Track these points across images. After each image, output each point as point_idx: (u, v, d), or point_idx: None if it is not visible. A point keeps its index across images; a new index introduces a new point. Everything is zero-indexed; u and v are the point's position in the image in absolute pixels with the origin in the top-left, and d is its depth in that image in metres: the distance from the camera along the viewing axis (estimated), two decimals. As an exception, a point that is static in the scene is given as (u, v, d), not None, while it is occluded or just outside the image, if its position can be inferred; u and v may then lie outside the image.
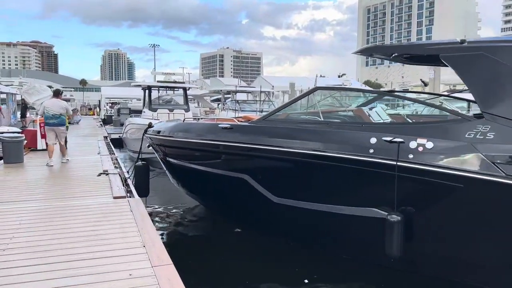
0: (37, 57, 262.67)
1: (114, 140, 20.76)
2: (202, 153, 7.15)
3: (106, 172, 9.20)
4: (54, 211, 6.04)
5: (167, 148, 8.26)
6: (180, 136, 7.41)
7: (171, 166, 8.52)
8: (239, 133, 6.46)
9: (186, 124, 7.73)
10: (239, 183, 6.62)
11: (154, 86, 17.81)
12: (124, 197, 6.85)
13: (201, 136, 6.94)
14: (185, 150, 7.54)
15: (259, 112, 17.46)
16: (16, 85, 56.29)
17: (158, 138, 8.31)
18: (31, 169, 10.05)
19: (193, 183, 8.17)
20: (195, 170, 7.45)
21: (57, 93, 11.50)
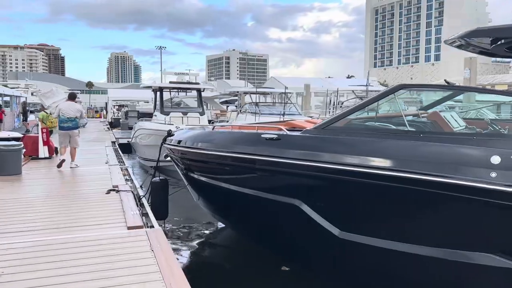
0: (44, 60, 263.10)
1: (122, 145, 19.36)
2: (238, 170, 5.67)
3: (117, 189, 7.77)
4: (49, 251, 4.59)
5: (192, 162, 6.78)
6: (209, 148, 5.92)
7: (196, 183, 7.05)
8: (290, 146, 4.98)
9: (216, 133, 6.23)
10: (288, 209, 5.16)
11: (167, 88, 16.38)
12: (141, 227, 5.40)
13: (237, 149, 5.46)
14: (216, 165, 6.06)
15: (281, 116, 16.00)
16: (22, 88, 55.48)
17: (180, 149, 6.84)
18: (29, 184, 8.63)
19: (225, 206, 6.68)
20: (227, 191, 5.97)
21: (73, 96, 11.21)
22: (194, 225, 8.80)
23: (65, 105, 10.66)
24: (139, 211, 6.37)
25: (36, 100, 52.85)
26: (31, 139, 12.84)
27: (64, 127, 10.52)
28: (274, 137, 5.18)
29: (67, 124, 10.50)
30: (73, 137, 10.63)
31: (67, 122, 10.49)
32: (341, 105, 18.52)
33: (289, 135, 5.21)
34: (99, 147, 16.02)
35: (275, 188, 5.30)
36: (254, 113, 16.59)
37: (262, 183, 5.46)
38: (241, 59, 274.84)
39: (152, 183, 7.42)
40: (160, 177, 7.59)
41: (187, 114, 15.73)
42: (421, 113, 5.47)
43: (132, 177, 9.93)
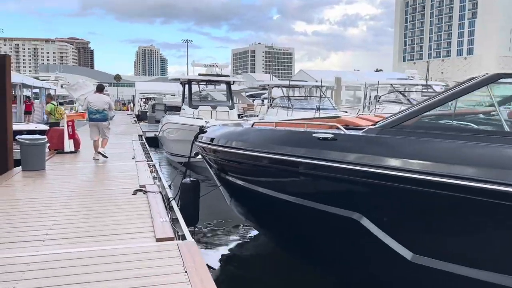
0: (74, 53, 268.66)
1: (149, 139, 18.89)
2: (282, 174, 4.88)
3: (144, 189, 7.11)
4: (65, 268, 3.91)
5: (226, 162, 6.02)
6: (247, 148, 5.14)
7: (230, 186, 6.30)
8: (349, 148, 4.15)
9: (256, 130, 5.42)
10: (344, 223, 4.35)
11: (195, 80, 15.70)
12: (172, 239, 4.68)
13: (283, 150, 4.66)
14: (255, 167, 5.28)
15: (316, 111, 15.07)
16: (53, 80, 56.28)
17: (214, 148, 6.08)
18: (52, 181, 8.09)
19: (263, 213, 5.89)
20: (267, 197, 5.19)
21: (101, 88, 11.34)
22: (225, 230, 8.07)
23: (94, 97, 10.80)
24: (169, 217, 5.67)
25: (66, 92, 53.61)
26: (57, 132, 12.41)
27: (93, 119, 10.73)
28: (329, 137, 4.35)
29: (95, 116, 10.68)
30: (102, 128, 10.82)
31: (95, 114, 10.66)
32: (379, 99, 17.46)
33: (348, 134, 4.37)
34: (126, 140, 15.54)
35: (328, 197, 4.48)
36: (287, 108, 15.72)
37: (312, 191, 4.65)
38: (267, 52, 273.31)
39: (182, 184, 6.73)
40: (191, 178, 6.88)
41: (216, 108, 15.03)
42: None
43: (160, 174, 9.30)
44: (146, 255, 4.21)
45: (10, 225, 5.19)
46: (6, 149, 9.07)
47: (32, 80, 28.74)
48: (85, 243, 4.55)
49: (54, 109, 14.50)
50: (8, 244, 4.51)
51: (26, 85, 24.79)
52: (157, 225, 5.08)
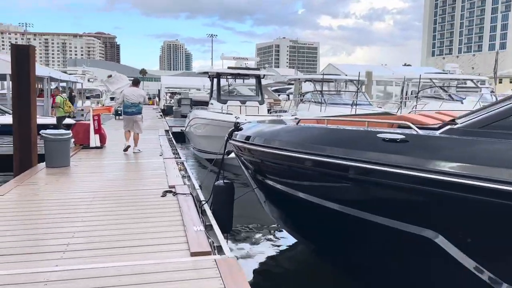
0: (101, 48, 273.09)
1: (175, 134, 18.41)
2: (338, 181, 4.17)
3: (174, 191, 6.53)
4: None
5: (266, 164, 5.35)
6: (295, 149, 4.45)
7: (268, 190, 5.63)
8: (425, 152, 3.42)
9: (305, 129, 4.69)
10: (413, 242, 3.63)
11: (225, 73, 15.08)
12: (209, 253, 4.05)
13: (340, 153, 3.95)
14: (303, 172, 4.58)
15: (350, 106, 14.24)
16: (80, 74, 56.92)
17: (250, 148, 5.41)
18: (76, 180, 7.61)
19: (309, 223, 5.17)
20: (318, 207, 4.49)
21: (136, 82, 11.37)
22: (260, 237, 7.41)
23: (129, 91, 10.85)
24: (202, 223, 5.07)
25: (92, 86, 54.11)
26: (83, 127, 12.00)
27: (128, 112, 10.76)
28: (398, 138, 3.62)
29: (130, 109, 10.72)
30: (136, 122, 10.81)
31: (130, 107, 10.70)
32: (417, 95, 16.46)
33: (422, 135, 3.63)
34: (152, 136, 15.08)
35: (394, 211, 3.76)
36: (319, 103, 14.92)
37: (374, 202, 3.93)
38: (291, 47, 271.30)
39: (215, 187, 6.09)
40: (225, 180, 6.24)
41: (246, 103, 14.37)
42: None
43: (189, 173, 8.73)
44: (180, 274, 3.59)
45: (29, 232, 4.67)
46: (30, 144, 8.67)
47: (60, 73, 28.79)
48: (109, 256, 3.97)
49: (63, 102, 14.03)
50: (26, 256, 3.97)
51: (53, 78, 24.77)
52: (191, 236, 4.46)
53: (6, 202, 5.86)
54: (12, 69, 8.51)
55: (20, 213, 5.35)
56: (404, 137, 3.58)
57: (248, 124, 6.43)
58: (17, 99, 8.57)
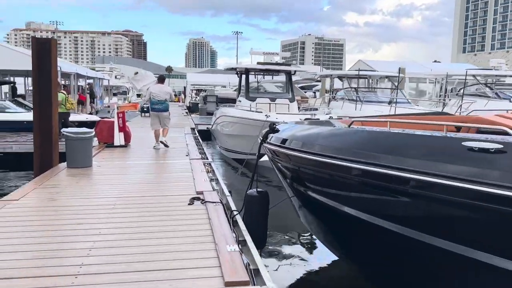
0: (128, 45, 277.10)
1: (201, 132, 17.85)
2: (406, 199, 3.39)
3: (202, 198, 5.87)
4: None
5: (309, 173, 4.59)
6: (349, 157, 3.69)
7: (310, 202, 4.87)
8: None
9: (362, 133, 3.84)
10: (498, 277, 2.83)
11: (254, 69, 14.37)
12: (246, 283, 3.35)
13: (412, 165, 3.17)
14: (359, 186, 3.81)
15: (387, 104, 13.32)
16: (107, 71, 57.45)
17: (290, 153, 4.66)
18: (97, 183, 7.07)
19: (358, 242, 4.38)
20: (374, 227, 3.73)
21: (162, 78, 11.34)
22: (296, 253, 6.65)
23: (156, 88, 10.85)
24: (235, 239, 4.39)
25: (119, 83, 54.47)
26: (107, 124, 11.53)
27: (155, 109, 10.81)
28: (492, 148, 2.82)
29: (157, 106, 10.77)
30: (163, 118, 10.86)
31: (157, 104, 10.75)
32: (463, 93, 15.31)
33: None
34: (178, 134, 14.55)
35: (484, 241, 2.96)
36: (354, 101, 14.01)
37: (455, 226, 3.14)
38: (317, 44, 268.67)
39: (247, 196, 5.39)
40: (258, 189, 5.52)
41: (276, 101, 13.62)
42: None
43: (217, 175, 8.08)
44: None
45: (43, 246, 4.09)
46: (50, 142, 8.19)
47: (86, 70, 28.76)
48: (128, 284, 3.32)
49: (65, 98, 13.24)
50: (35, 279, 3.37)
51: (80, 75, 24.65)
52: (224, 258, 3.77)
53: (20, 209, 5.33)
54: (33, 64, 8.03)
55: (32, 223, 4.79)
56: (501, 147, 2.78)
57: (284, 125, 5.70)
58: (38, 95, 8.10)
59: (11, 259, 3.76)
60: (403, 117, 5.58)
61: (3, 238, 4.28)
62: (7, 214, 5.09)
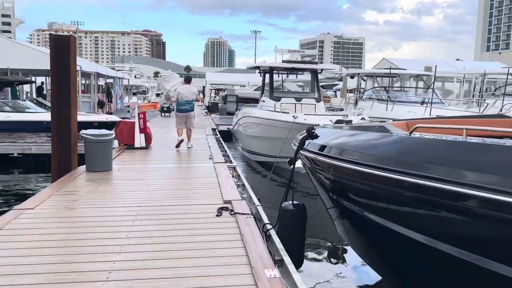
0: (147, 45, 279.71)
1: (221, 133, 17.35)
2: (479, 222, 2.79)
3: (231, 209, 5.35)
4: None
5: (353, 185, 3.98)
6: (413, 171, 3.07)
7: (354, 218, 4.28)
8: None
9: (430, 143, 3.21)
10: None
11: (278, 68, 13.79)
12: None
13: (501, 183, 2.56)
14: (419, 203, 3.20)
15: (419, 105, 12.57)
16: (127, 70, 57.73)
17: (332, 163, 4.07)
18: (117, 189, 6.62)
19: (417, 270, 3.76)
20: (436, 252, 3.13)
21: (189, 79, 11.37)
22: (335, 270, 6.04)
23: (183, 89, 10.85)
24: (272, 260, 3.84)
25: (139, 82, 54.60)
26: (127, 125, 11.14)
27: (183, 110, 10.79)
28: None
29: (185, 107, 10.78)
30: (189, 118, 10.88)
31: (185, 105, 10.78)
32: (493, 92, 14.45)
33: None
34: (200, 135, 14.09)
35: None
36: (385, 101, 13.29)
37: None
38: (336, 42, 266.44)
39: (283, 210, 4.82)
40: (294, 202, 4.94)
41: (301, 101, 13.02)
42: None
43: (243, 180, 7.57)
44: None
45: (57, 267, 3.62)
46: (69, 145, 7.79)
47: (106, 69, 28.65)
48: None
49: None
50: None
51: (100, 74, 24.52)
52: (264, 282, 3.23)
53: (34, 220, 4.89)
54: (51, 62, 7.65)
55: (46, 238, 4.33)
56: None
57: (322, 129, 5.11)
58: (56, 94, 7.71)
59: (21, 283, 3.29)
60: (467, 121, 4.92)
61: (13, 256, 3.83)
62: (19, 226, 4.66)
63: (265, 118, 11.60)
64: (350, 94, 30.04)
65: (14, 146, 11.70)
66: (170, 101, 11.81)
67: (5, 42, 20.83)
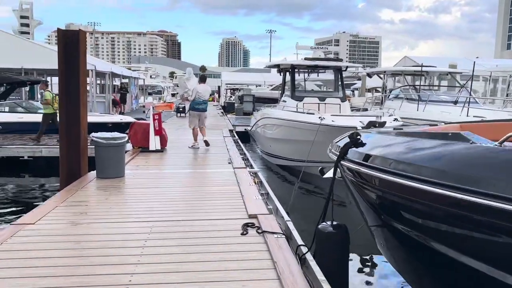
0: (163, 45, 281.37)
1: (238, 133, 16.66)
2: None
3: (258, 226, 4.64)
4: None
5: (412, 206, 3.20)
6: (507, 195, 2.32)
7: (409, 243, 3.51)
8: None
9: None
10: None
11: (301, 66, 13.02)
12: None
13: None
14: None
15: (453, 104, 11.68)
16: (142, 70, 57.63)
17: (385, 178, 3.31)
18: (131, 199, 5.97)
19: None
20: None
21: (205, 78, 11.22)
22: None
23: (201, 88, 10.69)
24: None
25: (154, 82, 54.39)
26: (142, 127, 10.54)
27: (199, 109, 10.68)
28: None
29: (201, 106, 10.71)
30: (204, 118, 10.84)
31: (202, 104, 10.71)
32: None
33: None
34: (217, 137, 13.45)
35: None
36: (415, 100, 12.41)
37: None
38: (351, 41, 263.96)
39: (320, 233, 4.05)
40: (334, 222, 4.18)
41: (325, 100, 12.24)
42: None
43: (267, 188, 6.86)
44: None
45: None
46: (78, 149, 7.19)
47: (121, 69, 28.26)
48: None
49: (53, 97, 11.79)
50: None
51: (115, 74, 24.10)
52: None
53: (33, 238, 4.26)
54: (59, 60, 7.06)
55: (46, 262, 3.68)
56: None
57: (366, 135, 4.33)
58: (65, 94, 7.12)
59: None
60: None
61: (8, 277, 3.19)
62: (16, 246, 4.03)
63: (288, 120, 10.86)
64: (368, 93, 29.03)
65: (24, 149, 11.23)
66: (187, 101, 11.19)
67: (20, 42, 20.55)
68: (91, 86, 20.34)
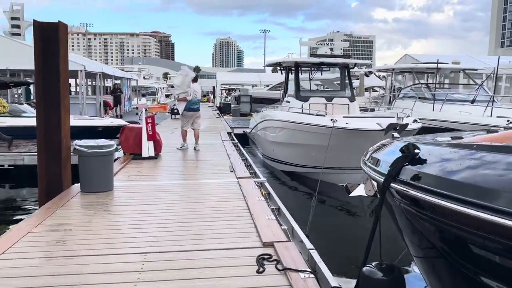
0: (156, 46, 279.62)
1: (237, 136, 15.71)
2: None
3: (276, 260, 3.71)
4: None
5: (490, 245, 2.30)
6: None
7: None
8: None
9: None
10: None
11: (305, 63, 12.11)
12: None
13: None
14: None
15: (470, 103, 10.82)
16: (136, 71, 56.53)
17: (455, 210, 2.39)
18: (119, 221, 5.01)
19: None
20: None
21: (196, 78, 10.82)
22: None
23: (197, 87, 10.53)
24: None
25: (148, 83, 53.32)
26: (134, 131, 9.58)
27: (194, 109, 10.46)
28: None
29: (196, 106, 10.50)
30: (198, 118, 10.63)
31: (196, 104, 10.50)
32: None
33: None
34: (215, 140, 12.53)
35: None
36: (430, 100, 11.53)
37: None
38: (345, 41, 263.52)
39: (366, 277, 3.07)
40: (383, 263, 3.20)
41: (333, 100, 11.34)
42: None
43: (278, 202, 5.97)
44: None
45: None
46: (59, 159, 6.22)
47: (113, 69, 27.22)
48: None
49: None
50: None
51: (106, 74, 23.07)
52: None
53: None
54: (36, 57, 6.08)
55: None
56: None
57: (424, 147, 3.30)
58: (42, 98, 6.15)
59: None
60: None
61: None
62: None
63: (294, 122, 9.93)
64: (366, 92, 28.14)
65: (4, 157, 10.23)
66: (183, 101, 10.25)
67: (6, 42, 19.45)
68: (81, 88, 19.33)
